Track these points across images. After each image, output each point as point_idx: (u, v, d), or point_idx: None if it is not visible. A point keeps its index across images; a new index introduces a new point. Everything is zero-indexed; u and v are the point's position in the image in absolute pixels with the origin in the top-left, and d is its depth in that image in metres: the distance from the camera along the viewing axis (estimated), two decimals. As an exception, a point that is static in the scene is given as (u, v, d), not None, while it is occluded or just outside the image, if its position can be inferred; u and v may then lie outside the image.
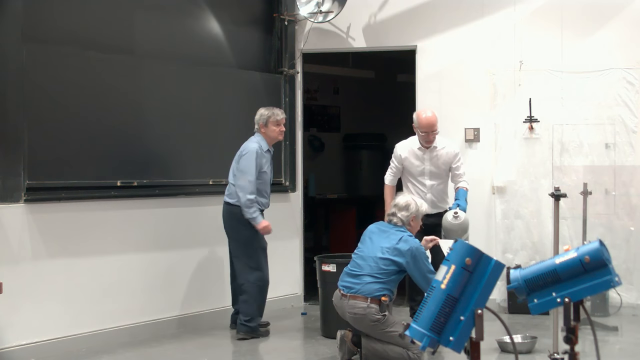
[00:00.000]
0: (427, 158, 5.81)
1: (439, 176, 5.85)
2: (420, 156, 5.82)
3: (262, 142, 5.71)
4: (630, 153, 6.52)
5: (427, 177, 5.82)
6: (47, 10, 5.33)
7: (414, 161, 5.83)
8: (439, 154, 5.81)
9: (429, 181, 5.82)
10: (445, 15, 6.91)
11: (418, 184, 5.83)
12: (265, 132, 5.75)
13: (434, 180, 5.83)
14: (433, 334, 2.62)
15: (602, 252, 2.66)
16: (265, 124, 5.73)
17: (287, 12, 6.86)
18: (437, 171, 5.82)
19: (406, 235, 4.81)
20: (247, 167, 5.56)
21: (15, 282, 4.91)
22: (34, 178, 5.10)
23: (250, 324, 5.63)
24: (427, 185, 5.82)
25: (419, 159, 5.83)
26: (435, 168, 5.81)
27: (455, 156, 5.84)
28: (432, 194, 5.82)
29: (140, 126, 5.78)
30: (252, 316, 5.64)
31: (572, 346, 2.76)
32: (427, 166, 5.81)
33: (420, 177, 5.84)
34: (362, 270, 4.78)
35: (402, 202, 4.93)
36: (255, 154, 5.58)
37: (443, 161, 5.81)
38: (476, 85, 6.82)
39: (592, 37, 6.64)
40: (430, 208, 5.47)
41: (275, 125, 5.75)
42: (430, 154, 5.80)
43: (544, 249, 6.54)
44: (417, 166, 5.83)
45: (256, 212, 5.55)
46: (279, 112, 5.82)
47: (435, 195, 5.84)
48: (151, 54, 5.93)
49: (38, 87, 5.16)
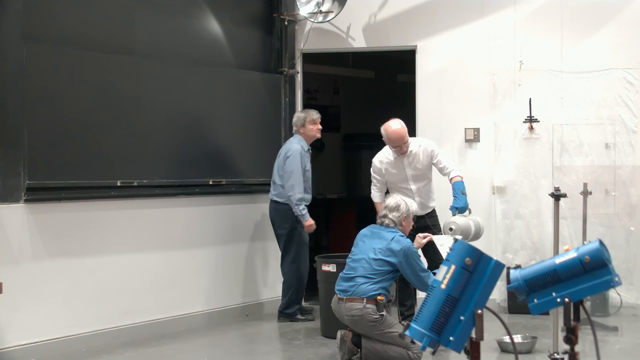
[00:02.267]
0: (405, 164, 5.68)
1: (422, 177, 5.72)
2: (398, 164, 5.69)
3: (302, 142, 6.21)
4: (630, 153, 6.52)
5: (411, 181, 5.70)
6: (47, 10, 5.32)
7: (393, 170, 5.70)
8: (416, 156, 5.66)
9: (414, 185, 5.71)
10: (445, 15, 6.91)
11: (404, 190, 5.67)
12: (304, 132, 6.25)
13: (418, 183, 5.71)
14: (433, 334, 2.62)
15: (602, 252, 2.66)
16: (303, 124, 6.24)
17: (287, 12, 6.86)
18: (419, 173, 5.70)
19: (398, 235, 4.84)
20: (294, 167, 6.05)
21: (15, 282, 4.91)
22: (34, 178, 5.09)
23: (287, 311, 6.22)
24: (413, 189, 5.70)
25: (397, 167, 5.69)
26: (415, 171, 5.68)
27: (431, 153, 5.66)
28: (419, 196, 5.69)
29: (141, 126, 5.77)
30: (289, 304, 6.21)
31: (572, 346, 2.76)
32: (408, 171, 5.69)
33: (403, 183, 5.70)
34: (356, 272, 4.81)
35: (393, 203, 4.96)
36: (300, 155, 6.08)
37: (421, 162, 5.67)
38: (476, 85, 6.82)
39: (592, 37, 6.64)
40: (419, 209, 5.39)
41: (312, 124, 6.27)
42: (408, 160, 5.67)
43: (544, 249, 6.55)
44: (397, 174, 5.70)
45: (304, 209, 6.09)
46: (314, 113, 6.32)
47: (423, 196, 5.72)
48: (151, 54, 5.93)
49: (38, 87, 5.15)
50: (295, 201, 6.02)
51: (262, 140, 6.71)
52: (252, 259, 6.61)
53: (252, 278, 6.62)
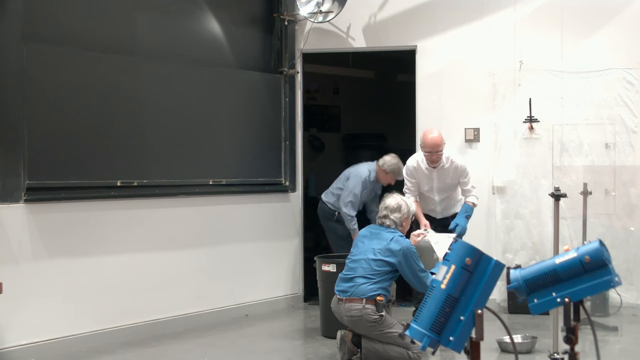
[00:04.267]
0: (434, 177, 5.87)
1: (448, 190, 5.94)
2: (427, 174, 5.88)
3: (373, 172, 6.58)
4: (630, 153, 6.52)
5: (435, 192, 5.92)
6: (47, 10, 5.33)
7: (423, 177, 5.90)
8: (447, 172, 5.85)
9: (437, 196, 5.94)
10: (445, 15, 6.91)
11: (427, 198, 5.96)
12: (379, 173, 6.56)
13: (442, 195, 5.94)
14: (433, 334, 2.62)
15: (602, 252, 2.66)
16: (386, 172, 6.49)
17: (287, 12, 6.86)
18: (445, 187, 5.91)
19: (397, 235, 4.85)
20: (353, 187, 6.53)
21: (15, 282, 4.92)
22: (34, 178, 5.10)
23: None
24: (436, 200, 5.95)
25: (427, 177, 5.89)
26: (442, 184, 5.89)
27: (463, 171, 5.86)
28: (441, 205, 5.98)
29: (141, 126, 5.78)
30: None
31: (572, 346, 2.76)
32: (435, 184, 5.89)
33: (429, 193, 5.94)
34: (355, 273, 4.82)
35: (394, 204, 4.97)
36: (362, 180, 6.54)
37: (450, 177, 5.87)
38: (476, 85, 6.82)
39: (592, 37, 6.64)
40: (440, 214, 5.96)
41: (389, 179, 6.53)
42: (437, 173, 5.85)
43: (544, 249, 6.55)
44: (426, 183, 5.90)
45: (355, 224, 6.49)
46: (400, 173, 6.32)
47: (444, 205, 5.99)
48: (151, 54, 5.93)
49: (38, 87, 5.16)
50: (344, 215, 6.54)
51: (262, 140, 6.71)
52: (252, 259, 6.61)
53: (252, 278, 6.62)
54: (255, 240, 6.64)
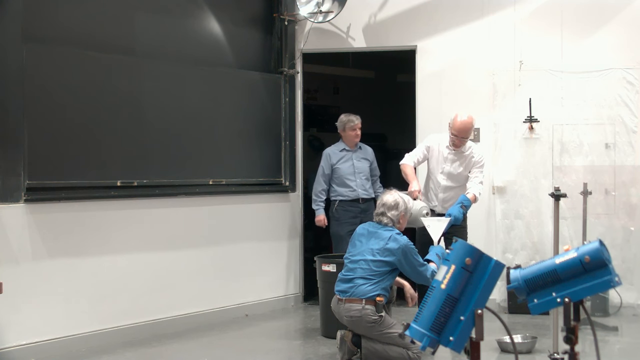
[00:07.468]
0: (449, 159, 5.78)
1: (457, 180, 5.80)
2: (444, 154, 5.79)
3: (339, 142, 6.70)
4: (630, 153, 6.53)
5: (444, 176, 5.80)
6: (47, 10, 5.32)
7: (438, 156, 5.81)
8: (464, 157, 5.77)
9: (444, 181, 5.80)
10: (445, 15, 6.91)
11: (433, 181, 5.86)
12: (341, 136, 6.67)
13: (448, 182, 5.80)
14: (433, 334, 2.62)
15: (602, 252, 2.66)
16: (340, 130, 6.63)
17: (287, 12, 6.86)
18: (455, 175, 5.79)
19: (394, 233, 4.82)
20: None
21: (15, 282, 4.91)
22: (34, 178, 5.09)
23: None
24: (441, 185, 5.81)
25: (442, 156, 5.80)
26: (454, 170, 5.78)
27: (478, 163, 5.78)
28: (443, 195, 5.81)
29: (141, 126, 5.77)
30: None
31: (572, 346, 2.76)
32: (447, 166, 5.79)
33: (438, 174, 5.82)
34: (355, 274, 4.80)
35: (391, 201, 4.93)
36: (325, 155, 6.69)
37: (465, 165, 5.78)
38: (476, 85, 6.82)
39: (592, 37, 6.64)
40: (440, 206, 5.78)
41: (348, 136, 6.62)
42: (454, 156, 5.77)
43: (544, 249, 6.55)
44: (439, 162, 5.81)
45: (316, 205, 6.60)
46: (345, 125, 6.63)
47: (446, 196, 5.81)
48: (151, 54, 5.92)
49: (38, 87, 5.15)
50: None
51: (262, 140, 6.71)
52: (252, 259, 6.61)
53: (252, 278, 6.62)
54: (255, 240, 6.64)
